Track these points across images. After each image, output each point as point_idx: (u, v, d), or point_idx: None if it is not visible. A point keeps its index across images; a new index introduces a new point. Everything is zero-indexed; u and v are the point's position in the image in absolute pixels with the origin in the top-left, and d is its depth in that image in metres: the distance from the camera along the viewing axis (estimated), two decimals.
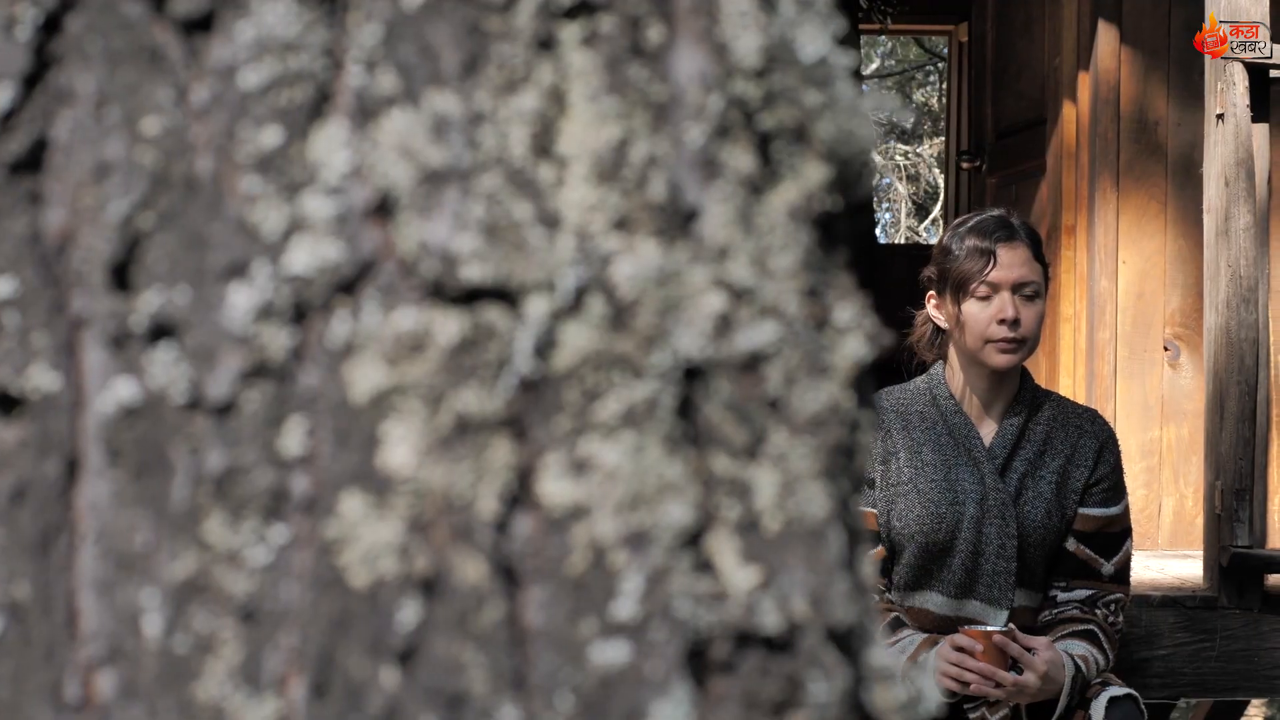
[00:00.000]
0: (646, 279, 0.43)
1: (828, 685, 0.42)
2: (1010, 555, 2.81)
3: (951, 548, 2.81)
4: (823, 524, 0.43)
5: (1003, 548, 2.81)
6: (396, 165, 0.42)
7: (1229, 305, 3.46)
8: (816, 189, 0.46)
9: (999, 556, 2.81)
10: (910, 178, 16.40)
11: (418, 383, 0.41)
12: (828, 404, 0.45)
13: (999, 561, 2.81)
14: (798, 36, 0.47)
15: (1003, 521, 2.81)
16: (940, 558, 2.82)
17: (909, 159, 16.11)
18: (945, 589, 2.84)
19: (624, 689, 0.40)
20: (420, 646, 0.40)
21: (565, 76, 0.44)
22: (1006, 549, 2.81)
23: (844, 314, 0.47)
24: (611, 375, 0.42)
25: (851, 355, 0.46)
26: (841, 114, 0.47)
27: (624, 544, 0.41)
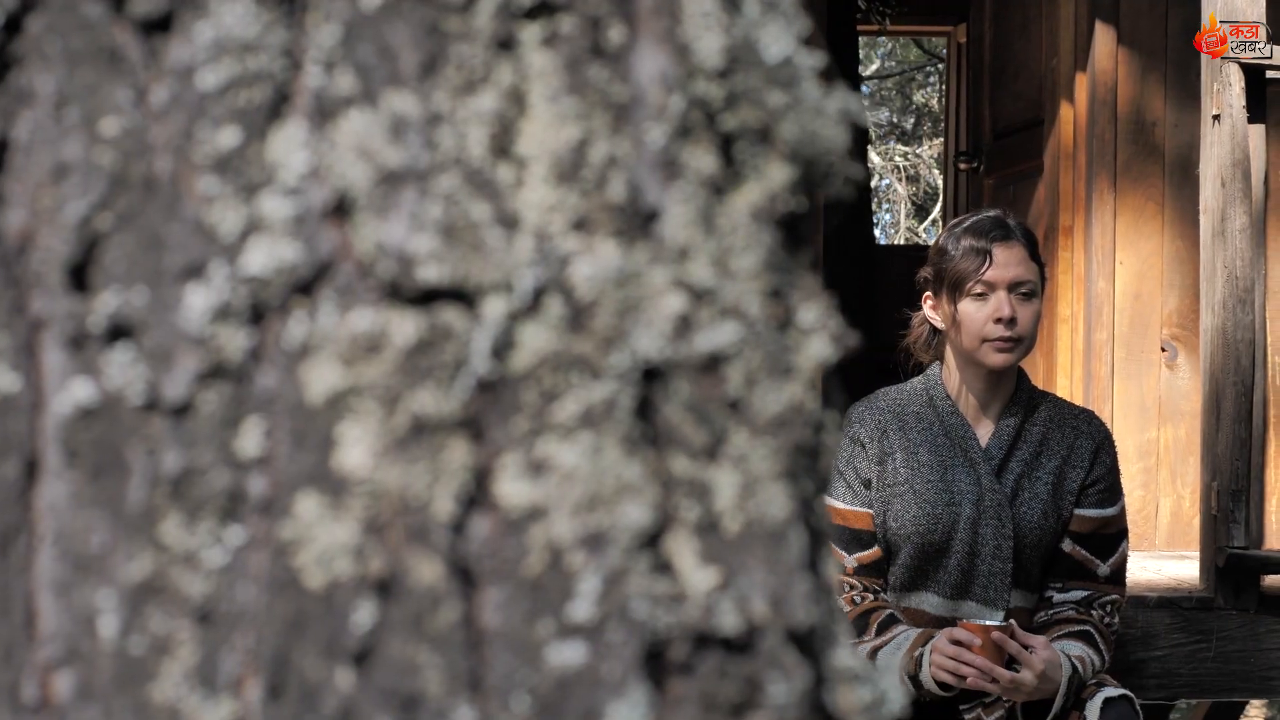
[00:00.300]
0: (605, 280, 0.42)
1: (787, 686, 0.42)
2: (1006, 556, 2.81)
3: (947, 548, 2.81)
4: (783, 525, 0.43)
5: (998, 549, 2.81)
6: (354, 166, 0.42)
7: (1225, 306, 3.46)
8: (780, 190, 0.46)
9: (995, 557, 2.81)
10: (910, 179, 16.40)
11: (374, 384, 0.41)
12: (789, 405, 0.45)
13: (995, 562, 2.82)
14: (761, 37, 0.47)
15: (999, 522, 2.81)
16: (936, 558, 2.82)
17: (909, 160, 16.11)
18: (941, 590, 2.84)
19: (580, 690, 0.40)
20: (375, 648, 0.40)
21: (525, 77, 0.44)
22: (1002, 550, 2.81)
23: (808, 315, 0.47)
24: (569, 376, 0.42)
25: (815, 356, 0.46)
26: (806, 114, 0.47)
27: (581, 545, 0.41)
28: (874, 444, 2.83)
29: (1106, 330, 4.53)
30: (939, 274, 2.88)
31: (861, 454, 2.84)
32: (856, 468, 2.83)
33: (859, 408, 2.91)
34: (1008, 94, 5.24)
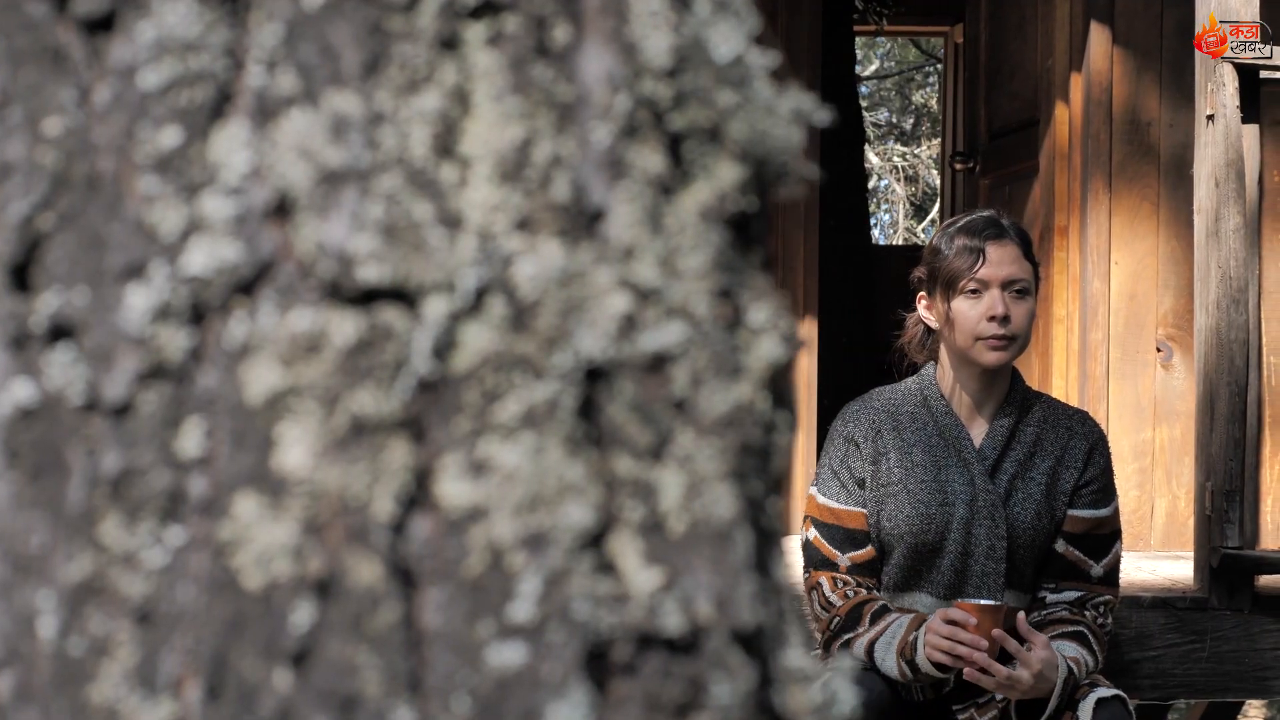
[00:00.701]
0: (548, 279, 0.42)
1: (731, 687, 0.42)
2: (999, 556, 2.81)
3: (941, 548, 2.81)
4: (729, 525, 0.43)
5: (992, 549, 2.81)
6: (295, 166, 0.42)
7: (1219, 306, 3.46)
8: (730, 189, 0.46)
9: (988, 558, 2.81)
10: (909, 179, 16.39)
11: (314, 384, 0.41)
12: (737, 405, 0.45)
13: (988, 563, 2.81)
14: (711, 36, 0.46)
15: (992, 523, 2.81)
16: (930, 559, 2.82)
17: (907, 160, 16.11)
18: (934, 590, 2.84)
19: (521, 691, 0.40)
20: (314, 648, 0.40)
21: (469, 76, 0.43)
22: (996, 550, 2.81)
23: (759, 315, 0.47)
24: (512, 376, 0.42)
25: (766, 356, 0.46)
26: (757, 114, 0.47)
27: (522, 545, 0.41)
28: (868, 444, 2.83)
29: (1102, 330, 4.53)
30: (933, 273, 2.88)
31: (856, 453, 2.83)
32: (850, 467, 2.83)
33: (853, 407, 2.91)
34: (1003, 94, 5.24)
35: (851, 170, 6.89)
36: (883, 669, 2.66)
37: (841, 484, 2.80)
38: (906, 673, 2.64)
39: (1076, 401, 4.55)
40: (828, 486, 2.83)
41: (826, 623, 2.75)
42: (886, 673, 2.66)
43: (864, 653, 2.67)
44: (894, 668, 2.65)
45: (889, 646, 2.65)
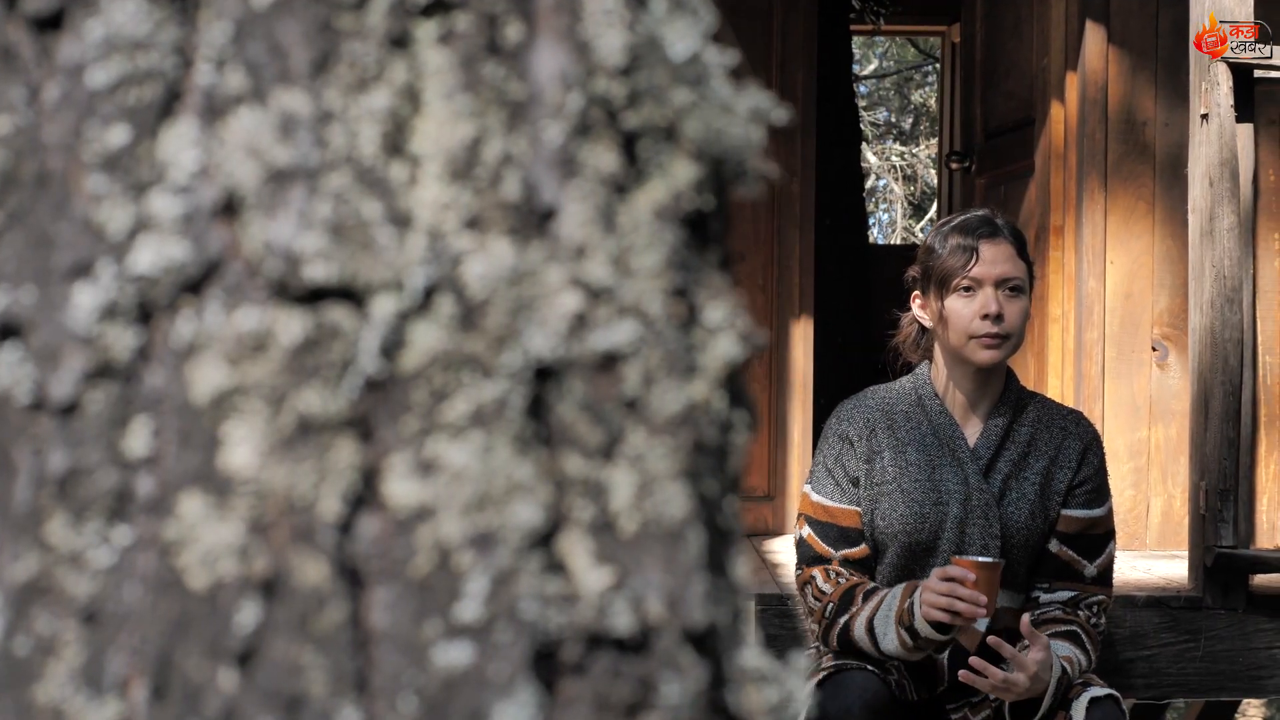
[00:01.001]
0: (498, 278, 0.42)
1: (681, 687, 0.42)
2: (993, 555, 2.81)
3: (934, 548, 2.81)
4: (681, 525, 0.43)
5: (985, 548, 2.81)
6: (243, 164, 0.42)
7: (1213, 305, 3.46)
8: (685, 188, 0.46)
9: (981, 556, 2.82)
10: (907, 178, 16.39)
11: (260, 383, 0.41)
12: (690, 404, 0.44)
13: None
14: (667, 34, 0.46)
15: (986, 522, 2.81)
16: (923, 558, 2.82)
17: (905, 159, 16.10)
18: None
19: (467, 690, 0.40)
20: (259, 648, 0.40)
21: (420, 75, 0.43)
22: (989, 549, 2.81)
23: (715, 314, 0.46)
24: (460, 375, 0.42)
25: (722, 355, 0.46)
26: (713, 112, 0.46)
27: (470, 545, 0.41)
28: (862, 442, 2.83)
29: (1097, 330, 4.53)
30: (926, 272, 2.88)
31: (850, 452, 2.83)
32: (845, 465, 2.82)
33: (847, 406, 2.91)
34: (999, 94, 5.24)
35: (848, 170, 6.89)
36: (884, 646, 2.63)
37: (836, 482, 2.80)
38: (907, 641, 2.61)
39: (1072, 401, 4.55)
40: (822, 484, 2.82)
41: (820, 611, 2.73)
42: (887, 650, 2.63)
43: (864, 632, 2.65)
44: (894, 640, 2.62)
45: (887, 619, 2.63)
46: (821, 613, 2.74)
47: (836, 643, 2.71)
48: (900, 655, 2.66)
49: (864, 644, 2.67)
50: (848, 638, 2.69)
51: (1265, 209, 4.55)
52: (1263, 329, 4.54)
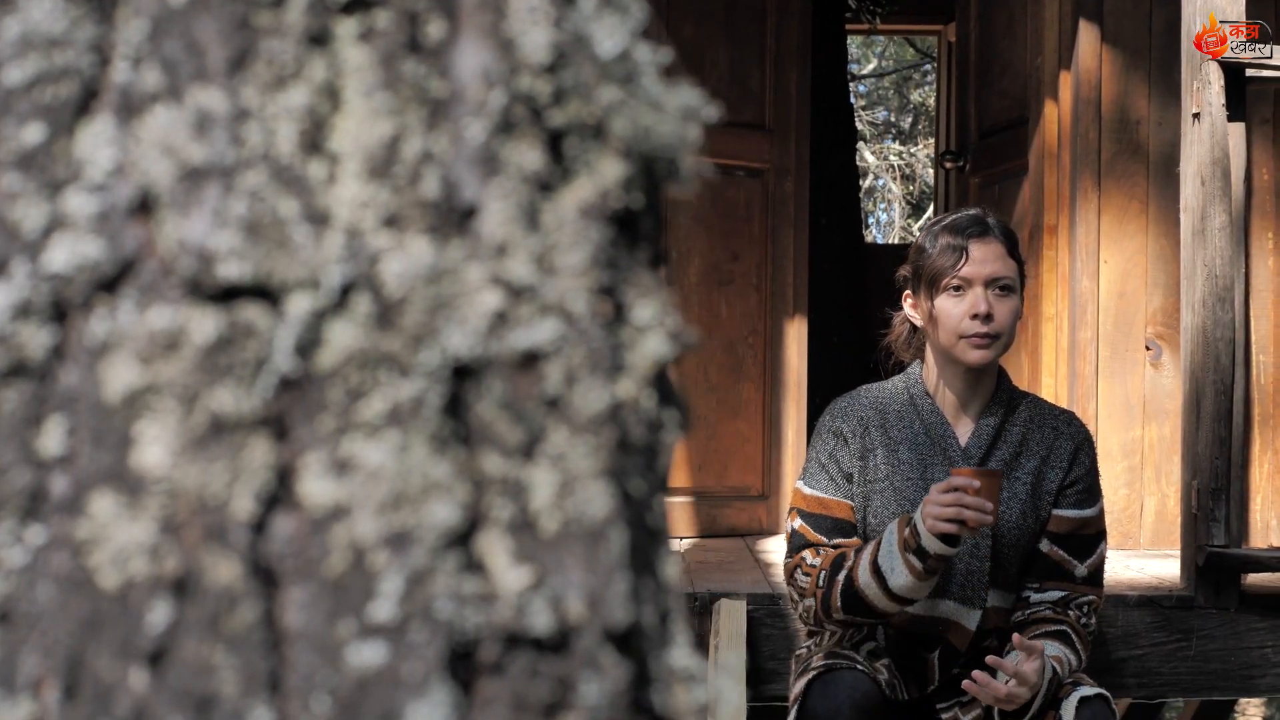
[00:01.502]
0: (416, 276, 0.42)
1: (600, 686, 0.42)
2: (984, 555, 2.81)
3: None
4: (603, 524, 0.43)
5: (976, 547, 2.81)
6: (158, 163, 0.42)
7: (1205, 304, 3.46)
8: (613, 186, 0.45)
9: (972, 556, 2.81)
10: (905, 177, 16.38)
11: (172, 382, 0.41)
12: (615, 403, 0.44)
13: (972, 561, 2.81)
14: (595, 32, 0.46)
15: None
16: None
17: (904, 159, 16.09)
18: None
19: (380, 690, 0.40)
20: (170, 648, 0.40)
21: (340, 72, 0.43)
22: (980, 549, 2.81)
23: (644, 312, 0.46)
24: (377, 374, 0.42)
25: (651, 354, 0.46)
26: (642, 110, 0.46)
27: (385, 544, 0.41)
28: (856, 439, 2.82)
29: (1091, 329, 4.53)
30: (917, 271, 2.88)
31: (844, 447, 2.82)
32: (839, 460, 2.82)
33: (841, 403, 2.90)
34: (993, 93, 5.24)
35: (844, 169, 6.88)
36: (894, 582, 2.58)
37: (830, 477, 2.79)
38: (917, 565, 2.57)
39: (1066, 400, 4.54)
40: (816, 479, 2.81)
41: (814, 582, 2.70)
42: (898, 585, 2.58)
43: (870, 575, 2.60)
44: (904, 571, 2.58)
45: (891, 552, 2.59)
46: (815, 582, 2.70)
47: (840, 602, 2.65)
48: (910, 589, 2.60)
49: (870, 590, 2.62)
50: (852, 590, 2.63)
51: (1259, 208, 4.55)
52: (1256, 328, 4.54)
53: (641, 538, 0.45)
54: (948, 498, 2.51)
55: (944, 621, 2.80)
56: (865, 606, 2.64)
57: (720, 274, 4.86)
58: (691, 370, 4.82)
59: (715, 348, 4.85)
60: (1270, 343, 4.55)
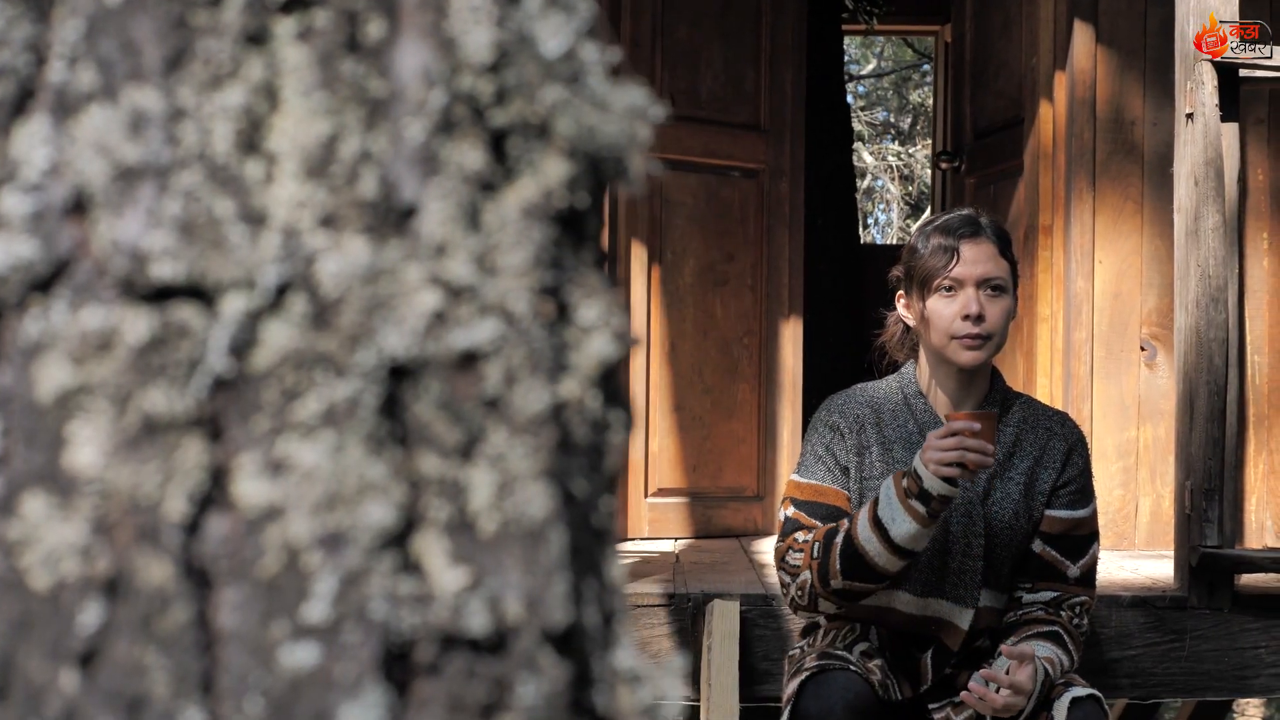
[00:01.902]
0: (353, 276, 0.42)
1: (537, 687, 0.42)
2: (977, 554, 2.80)
3: None
4: (543, 525, 0.43)
5: (969, 546, 2.81)
6: (93, 162, 0.42)
7: (1198, 305, 3.45)
8: (557, 186, 0.45)
9: (965, 555, 2.81)
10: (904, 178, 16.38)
11: (105, 382, 0.41)
12: (557, 403, 0.44)
13: (965, 560, 2.81)
14: (539, 31, 0.46)
15: (969, 520, 2.81)
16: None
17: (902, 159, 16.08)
18: (913, 587, 2.84)
19: (313, 691, 0.40)
20: (102, 649, 0.40)
21: (278, 72, 0.43)
22: (973, 548, 2.80)
23: (589, 312, 0.46)
24: (313, 374, 0.42)
25: (595, 354, 0.46)
26: (586, 110, 0.46)
27: (319, 545, 0.41)
28: (852, 435, 2.82)
29: (1086, 329, 4.53)
30: (909, 272, 2.88)
31: (840, 441, 2.82)
32: (835, 454, 2.81)
33: (838, 399, 2.90)
34: (989, 93, 5.23)
35: (840, 170, 6.88)
36: (897, 532, 2.55)
37: (827, 468, 2.79)
38: (920, 510, 2.55)
39: (1061, 400, 4.54)
40: (812, 470, 2.80)
41: (808, 554, 2.68)
42: (900, 535, 2.54)
43: (870, 529, 2.57)
44: (907, 519, 2.56)
45: (891, 503, 2.57)
46: (809, 555, 2.68)
47: (839, 565, 2.62)
48: (913, 537, 2.57)
49: (871, 546, 2.59)
50: (852, 549, 2.59)
51: (1254, 208, 4.55)
52: (1251, 329, 4.54)
53: (585, 538, 0.45)
54: (949, 442, 2.51)
55: (936, 621, 2.80)
56: (866, 567, 2.60)
57: (715, 274, 4.86)
58: (687, 371, 4.81)
59: (710, 348, 4.85)
60: (1265, 343, 4.55)
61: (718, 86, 4.91)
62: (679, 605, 3.48)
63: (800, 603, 2.74)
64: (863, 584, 2.64)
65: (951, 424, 2.54)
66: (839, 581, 2.63)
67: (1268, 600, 3.49)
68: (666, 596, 3.48)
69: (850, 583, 2.63)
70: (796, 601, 2.74)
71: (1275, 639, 3.48)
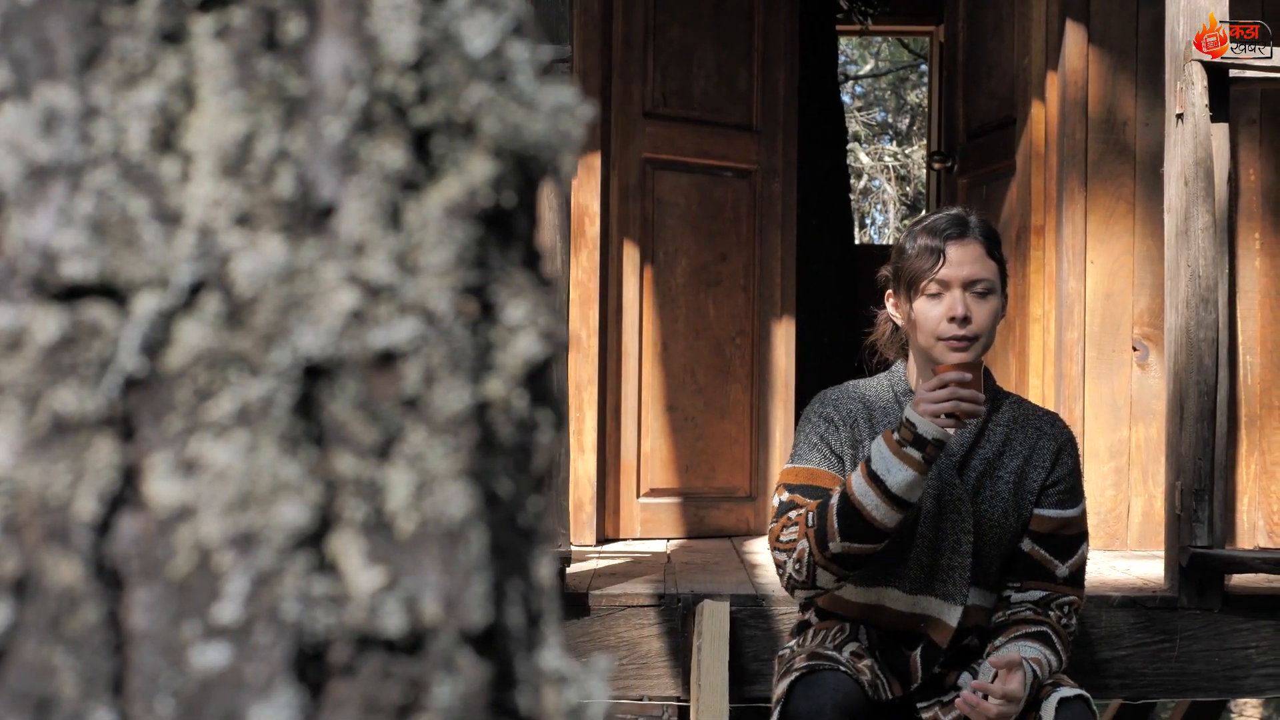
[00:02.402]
0: (268, 275, 0.42)
1: (454, 688, 0.41)
2: (966, 551, 2.81)
3: (909, 542, 2.81)
4: (462, 525, 0.43)
5: (958, 543, 2.81)
6: (4, 161, 0.41)
7: (1188, 305, 3.45)
8: (482, 185, 0.45)
9: (954, 552, 2.81)
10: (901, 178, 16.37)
11: (14, 381, 0.40)
12: (480, 403, 0.44)
13: (954, 557, 2.82)
14: (464, 29, 0.46)
15: (958, 517, 2.81)
16: (898, 552, 2.83)
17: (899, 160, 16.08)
18: (903, 585, 2.84)
19: (224, 692, 0.40)
20: (9, 649, 0.39)
21: (194, 70, 0.43)
22: (962, 545, 2.81)
23: (515, 311, 0.46)
24: (226, 373, 0.41)
25: (521, 354, 0.46)
26: (513, 108, 0.46)
27: (231, 545, 0.40)
28: (846, 428, 2.83)
29: (1078, 329, 4.52)
30: (897, 273, 2.89)
31: (834, 432, 2.83)
32: (829, 442, 2.82)
33: (831, 394, 2.91)
34: (981, 93, 5.23)
35: (835, 170, 6.88)
36: (894, 481, 2.56)
37: (822, 454, 2.79)
38: (915, 456, 2.56)
39: (1053, 401, 4.54)
40: (806, 456, 2.80)
41: (803, 525, 2.67)
42: (898, 484, 2.55)
43: (866, 482, 2.58)
44: (903, 468, 2.56)
45: (884, 457, 2.58)
46: (804, 524, 2.67)
47: (837, 524, 2.60)
48: (909, 485, 2.56)
49: (868, 499, 2.58)
50: (848, 506, 2.59)
51: (1245, 209, 4.55)
52: (1243, 329, 4.53)
53: (509, 538, 0.45)
54: (941, 393, 2.55)
55: (925, 618, 2.80)
56: (864, 523, 2.58)
57: (708, 275, 4.86)
58: (679, 371, 4.81)
59: (703, 349, 4.85)
60: (1257, 343, 4.55)
61: (710, 86, 4.91)
62: (669, 606, 3.48)
63: (798, 578, 2.70)
64: (861, 544, 2.61)
65: (942, 375, 2.57)
66: (837, 544, 2.61)
67: (1258, 600, 3.49)
68: (656, 597, 3.48)
69: (849, 544, 2.61)
70: (794, 579, 2.70)
71: (1265, 639, 3.48)
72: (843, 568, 2.65)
